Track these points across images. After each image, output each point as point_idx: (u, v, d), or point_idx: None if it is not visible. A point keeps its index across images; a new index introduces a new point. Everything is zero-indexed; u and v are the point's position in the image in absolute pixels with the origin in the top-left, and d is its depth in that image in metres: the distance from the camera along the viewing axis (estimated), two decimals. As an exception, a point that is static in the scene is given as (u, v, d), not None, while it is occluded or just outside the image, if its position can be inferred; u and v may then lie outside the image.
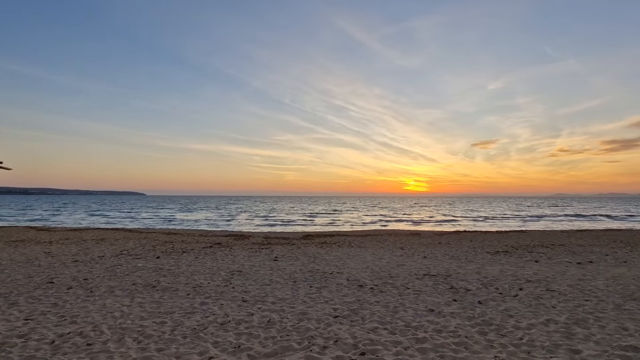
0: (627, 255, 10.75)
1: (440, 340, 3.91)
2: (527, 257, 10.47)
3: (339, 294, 6.01)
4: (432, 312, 4.96)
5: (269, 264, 8.88)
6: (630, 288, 6.41)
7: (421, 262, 9.33)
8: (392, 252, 11.30)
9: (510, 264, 9.17)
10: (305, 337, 4.00)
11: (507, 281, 6.95)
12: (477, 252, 11.34)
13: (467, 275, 7.57)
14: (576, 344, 3.83)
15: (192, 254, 10.49)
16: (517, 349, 3.67)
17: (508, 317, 4.72)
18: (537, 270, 8.18)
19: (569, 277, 7.41)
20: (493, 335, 4.07)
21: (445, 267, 8.52)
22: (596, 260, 9.96)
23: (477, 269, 8.28)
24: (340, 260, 9.64)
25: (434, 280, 7.02)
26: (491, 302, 5.47)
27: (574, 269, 8.42)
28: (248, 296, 5.86)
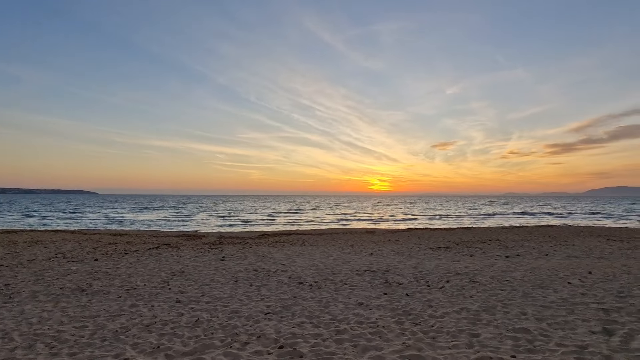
0: (551, 249, 11.95)
1: (359, 331, 4.15)
2: (464, 252, 11.26)
3: (277, 291, 6.12)
4: (360, 306, 5.22)
5: (215, 264, 8.78)
6: (542, 278, 7.16)
7: (366, 259, 9.71)
8: (341, 250, 11.63)
9: (447, 259, 9.83)
10: (229, 335, 4.06)
11: (438, 274, 7.46)
12: (421, 249, 12.00)
13: (404, 270, 8.01)
14: (478, 328, 4.25)
15: (135, 256, 10.07)
16: (425, 335, 4.00)
17: (427, 307, 5.11)
18: (469, 264, 8.85)
19: (494, 269, 8.10)
20: (408, 324, 4.39)
21: (387, 263, 8.94)
22: (523, 253, 10.96)
23: (415, 264, 8.79)
24: (289, 258, 9.76)
25: (372, 276, 7.36)
26: (417, 294, 5.86)
27: (501, 262, 9.22)
28: (183, 297, 5.79)
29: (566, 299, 5.60)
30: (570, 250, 11.71)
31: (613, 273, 7.66)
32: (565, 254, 10.94)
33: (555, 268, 8.27)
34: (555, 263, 9.06)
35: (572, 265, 8.60)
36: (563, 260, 9.59)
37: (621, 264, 8.84)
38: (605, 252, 11.29)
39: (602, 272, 7.73)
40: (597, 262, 9.31)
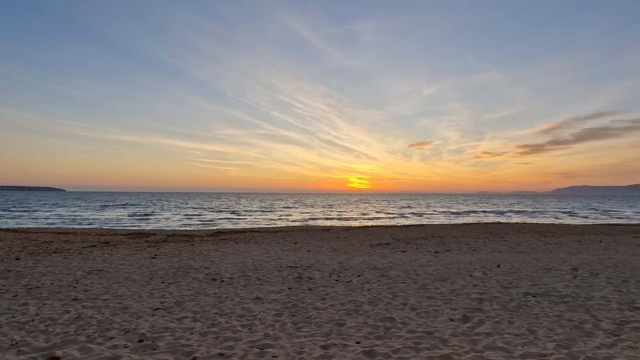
0: (483, 245, 12.62)
1: (232, 323, 4.31)
2: (400, 248, 11.71)
3: (184, 288, 6.18)
4: (255, 300, 5.38)
5: (142, 262, 8.70)
6: (451, 271, 7.59)
7: (299, 255, 9.91)
8: (283, 247, 11.79)
9: (378, 255, 10.20)
10: (100, 330, 4.10)
11: (356, 270, 7.75)
12: (362, 245, 12.36)
13: (328, 265, 8.26)
14: (349, 319, 4.50)
15: (64, 255, 9.80)
16: (294, 326, 4.21)
17: (319, 300, 5.34)
18: (395, 260, 9.23)
19: (414, 264, 8.50)
20: (286, 316, 4.59)
21: (316, 259, 9.17)
22: (454, 249, 11.53)
23: (343, 260, 9.07)
24: (223, 256, 9.81)
25: (292, 272, 7.54)
26: (320, 288, 6.10)
27: (427, 257, 9.67)
28: (84, 295, 5.74)
29: (455, 290, 6.00)
30: (499, 245, 12.42)
31: (519, 266, 8.24)
32: (492, 249, 11.60)
33: (472, 262, 8.79)
34: (477, 257, 9.61)
35: (488, 260, 9.16)
36: (485, 255, 10.18)
37: (533, 257, 9.50)
38: (530, 246, 12.07)
39: (510, 265, 8.29)
40: (513, 255, 9.95)
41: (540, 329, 4.16)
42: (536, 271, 7.61)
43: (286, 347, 3.58)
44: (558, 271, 7.63)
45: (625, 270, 7.67)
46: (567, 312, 4.80)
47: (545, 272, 7.57)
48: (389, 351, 3.50)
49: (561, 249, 11.46)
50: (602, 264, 8.49)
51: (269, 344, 3.67)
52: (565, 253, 10.60)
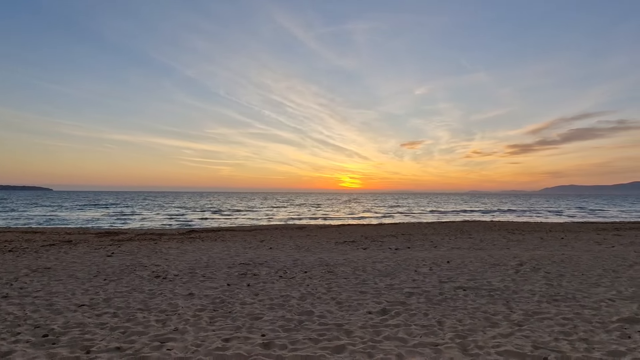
0: (447, 242, 12.82)
1: (148, 319, 4.32)
2: (363, 245, 11.83)
3: (122, 285, 6.15)
4: (187, 296, 5.40)
5: (95, 260, 8.63)
6: (400, 267, 7.72)
7: (259, 253, 9.94)
8: (246, 244, 11.80)
9: (338, 252, 10.29)
10: (11, 326, 4.08)
11: (308, 266, 7.82)
12: (328, 243, 12.45)
13: (282, 262, 8.30)
14: (268, 312, 4.56)
15: (17, 253, 9.66)
16: (209, 321, 4.24)
17: (251, 296, 5.39)
18: (352, 257, 9.33)
19: (367, 260, 8.61)
20: (206, 312, 4.62)
21: (273, 257, 9.22)
22: (416, 246, 11.69)
23: (300, 257, 9.13)
24: (182, 254, 9.78)
25: (242, 268, 7.57)
26: (260, 285, 6.14)
27: (385, 254, 9.79)
28: (16, 292, 5.66)
29: (392, 285, 6.11)
30: (462, 242, 12.64)
31: (469, 262, 8.40)
32: (454, 246, 11.79)
33: (426, 258, 8.94)
34: (433, 254, 9.77)
35: (443, 256, 9.32)
36: (444, 252, 10.35)
37: (488, 254, 9.70)
38: (491, 243, 12.30)
39: (461, 261, 8.46)
40: (470, 252, 10.14)
41: (450, 321, 4.27)
42: (482, 267, 7.78)
43: (187, 340, 3.62)
44: (504, 267, 7.82)
45: (568, 265, 7.90)
46: (487, 305, 4.94)
47: (491, 267, 7.75)
48: (288, 342, 3.56)
49: (520, 246, 11.71)
50: (550, 259, 8.71)
51: (172, 337, 3.70)
52: (522, 249, 10.84)
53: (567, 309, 4.73)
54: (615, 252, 9.98)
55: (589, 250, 10.37)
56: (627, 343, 3.61)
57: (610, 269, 7.53)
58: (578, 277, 6.76)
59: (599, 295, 5.49)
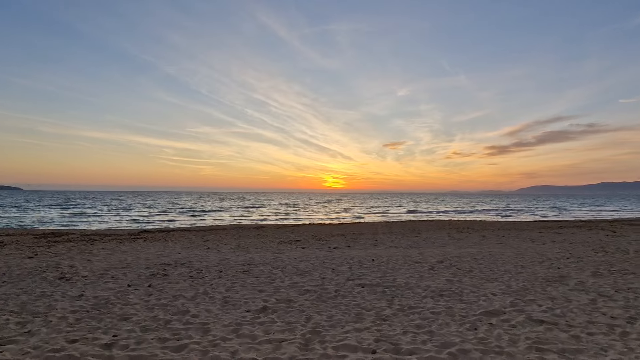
0: (390, 240, 13.07)
1: (27, 318, 4.19)
2: (305, 245, 11.90)
3: (15, 287, 5.94)
4: (75, 298, 5.27)
5: (11, 262, 8.29)
6: (320, 266, 7.81)
7: (192, 253, 9.83)
8: (187, 245, 11.65)
9: (274, 251, 10.31)
10: None
11: (227, 267, 7.78)
12: (272, 243, 12.45)
13: (206, 262, 8.24)
14: (144, 313, 4.52)
15: None
16: (75, 321, 4.16)
17: (143, 296, 5.31)
18: (285, 256, 9.36)
19: (295, 260, 8.66)
20: (81, 313, 4.53)
21: (202, 257, 9.13)
22: (356, 245, 11.86)
23: (230, 257, 9.09)
24: (110, 255, 9.54)
25: (157, 269, 7.45)
26: (164, 284, 6.07)
27: (318, 253, 9.88)
28: None
29: (296, 284, 6.17)
30: (405, 241, 12.92)
31: (395, 260, 8.59)
32: (394, 244, 12.04)
33: (355, 257, 9.08)
34: (366, 253, 9.93)
35: (374, 255, 9.48)
36: (379, 250, 10.54)
37: (419, 252, 9.95)
38: (432, 242, 12.63)
39: (387, 260, 8.63)
40: (405, 250, 10.37)
41: (320, 317, 4.36)
42: (402, 265, 7.98)
43: (30, 342, 3.54)
44: (423, 264, 8.05)
45: (484, 262, 8.21)
46: (372, 301, 5.07)
47: (411, 265, 7.95)
48: (134, 342, 3.54)
49: (458, 244, 12.07)
50: (473, 256, 9.03)
51: (16, 340, 3.60)
52: (457, 247, 11.19)
53: (443, 304, 4.92)
54: (541, 249, 10.44)
55: (517, 248, 10.80)
56: (467, 334, 3.79)
57: (520, 265, 7.88)
58: (484, 273, 7.04)
59: (487, 290, 5.73)
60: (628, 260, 8.41)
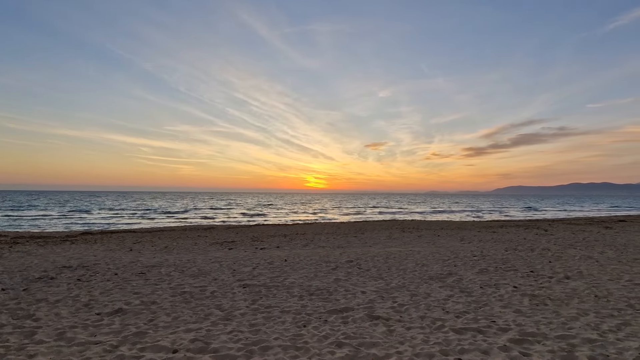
0: (324, 241, 13.26)
1: None
2: (231, 246, 11.91)
3: None
4: None
5: None
6: (229, 267, 7.84)
7: (110, 255, 9.64)
8: (116, 247, 11.42)
9: (199, 252, 10.27)
10: None
11: (127, 268, 7.70)
12: (204, 245, 12.38)
13: (114, 264, 8.11)
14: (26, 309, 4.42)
15: None
16: None
17: (6, 300, 5.20)
18: (205, 257, 9.34)
19: (206, 261, 8.66)
20: None
21: (115, 258, 8.98)
22: (287, 246, 11.97)
23: (145, 259, 8.98)
24: (20, 258, 9.22)
25: (53, 272, 7.28)
26: (40, 287, 5.94)
27: (242, 253, 9.91)
28: None
29: (182, 285, 6.18)
30: (340, 241, 13.14)
31: (308, 260, 8.74)
32: (324, 244, 12.22)
33: (271, 257, 9.17)
34: (286, 253, 10.04)
35: (297, 254, 9.61)
36: (304, 250, 10.68)
37: (341, 252, 10.15)
38: (362, 242, 12.90)
39: (298, 260, 8.76)
40: (331, 250, 10.56)
41: (162, 317, 4.40)
42: (308, 264, 8.13)
43: None
44: (331, 264, 8.22)
45: (392, 261, 8.48)
46: (238, 301, 5.15)
47: (317, 264, 8.11)
48: (-63, 348, 3.47)
49: (389, 243, 12.39)
50: (387, 255, 9.31)
51: None
52: (383, 247, 11.49)
53: (303, 302, 5.07)
54: (460, 248, 10.88)
55: (440, 247, 11.20)
56: (291, 331, 3.93)
57: (421, 264, 8.19)
58: (379, 271, 7.27)
59: (362, 288, 5.94)
60: (527, 257, 8.90)
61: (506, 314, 4.55)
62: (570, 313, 4.59)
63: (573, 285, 6.12)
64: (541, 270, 7.37)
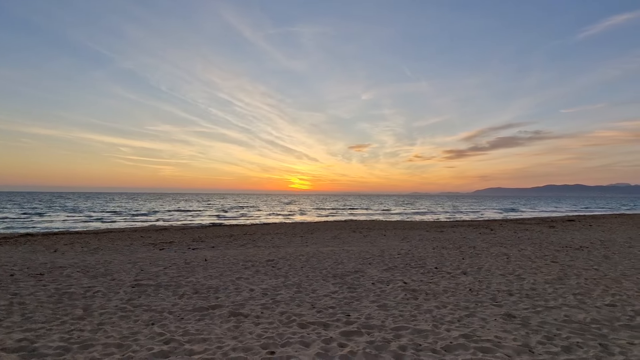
0: (268, 241, 13.25)
1: None
2: (162, 247, 11.74)
3: None
4: None
5: None
6: (141, 267, 7.71)
7: (29, 257, 9.32)
8: (40, 248, 11.05)
9: (122, 253, 10.06)
10: None
11: (46, 269, 7.45)
12: (140, 245, 12.14)
13: (20, 267, 7.83)
14: None
15: None
16: None
17: None
18: (123, 258, 9.14)
19: (123, 260, 8.49)
20: None
21: (30, 260, 8.69)
22: (223, 246, 11.89)
23: (65, 260, 8.72)
24: None
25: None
26: None
27: (168, 254, 9.77)
28: None
29: (71, 285, 6.03)
30: (281, 240, 13.17)
31: (230, 259, 8.71)
32: (264, 245, 12.21)
33: (195, 258, 9.07)
34: (218, 253, 9.97)
35: (219, 255, 9.55)
36: (238, 250, 10.63)
37: (270, 252, 10.16)
38: (303, 242, 12.97)
39: (222, 259, 8.72)
40: (262, 250, 10.55)
41: (35, 316, 4.29)
42: (229, 265, 8.09)
43: None
44: (250, 263, 8.22)
45: (310, 261, 8.55)
46: (113, 300, 5.07)
47: (234, 265, 8.08)
48: None
49: (328, 242, 12.49)
50: (312, 255, 9.37)
51: None
52: (318, 246, 11.57)
53: (173, 302, 5.04)
54: (396, 246, 11.08)
55: (376, 247, 11.37)
56: (135, 329, 3.90)
57: (339, 262, 8.28)
58: (291, 270, 7.32)
59: (253, 285, 5.96)
60: (447, 255, 9.16)
61: (368, 309, 4.66)
62: (429, 306, 4.76)
63: (462, 280, 6.35)
64: (447, 267, 7.61)
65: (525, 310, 4.54)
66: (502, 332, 3.81)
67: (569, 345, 3.46)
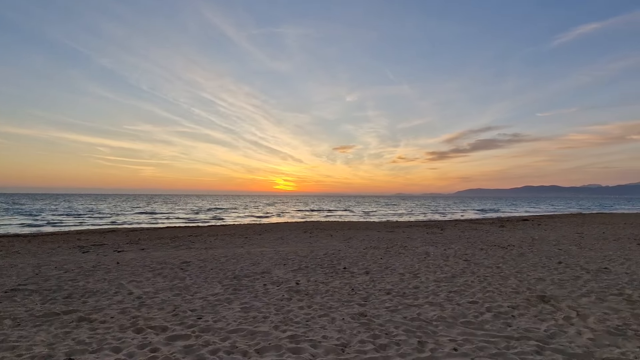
0: (214, 241, 13.04)
1: None
2: (88, 249, 11.38)
3: None
4: None
5: None
6: (66, 270, 7.40)
7: None
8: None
9: (41, 256, 9.67)
10: None
11: None
12: (67, 247, 11.72)
13: None
14: None
15: None
16: None
17: None
18: (53, 260, 8.78)
19: (36, 262, 8.14)
20: None
21: None
22: (154, 248, 11.62)
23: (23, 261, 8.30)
24: None
25: None
26: None
27: (90, 257, 9.44)
28: None
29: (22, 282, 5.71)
30: (225, 241, 12.98)
31: (142, 262, 8.48)
32: (203, 245, 12.00)
33: (113, 260, 8.80)
34: (141, 255, 9.71)
35: (133, 257, 9.31)
36: (166, 252, 10.38)
37: (200, 252, 9.97)
38: (253, 241, 12.83)
39: (130, 263, 8.48)
40: (192, 252, 10.35)
41: None
42: (138, 267, 7.87)
43: None
44: (166, 265, 8.03)
45: (229, 261, 8.42)
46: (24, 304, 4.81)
47: (145, 267, 7.87)
48: None
49: (268, 244, 12.37)
50: (231, 256, 9.25)
51: None
52: (255, 247, 11.45)
53: (31, 307, 4.83)
54: (332, 247, 11.07)
55: (314, 247, 11.33)
56: None
57: (255, 263, 8.19)
58: (198, 271, 7.17)
59: (146, 288, 5.79)
60: (370, 254, 9.21)
61: (231, 311, 4.58)
62: (294, 307, 4.72)
63: (359, 279, 6.37)
64: (357, 266, 7.64)
65: (384, 309, 4.56)
66: (337, 332, 3.80)
67: (387, 343, 3.47)
